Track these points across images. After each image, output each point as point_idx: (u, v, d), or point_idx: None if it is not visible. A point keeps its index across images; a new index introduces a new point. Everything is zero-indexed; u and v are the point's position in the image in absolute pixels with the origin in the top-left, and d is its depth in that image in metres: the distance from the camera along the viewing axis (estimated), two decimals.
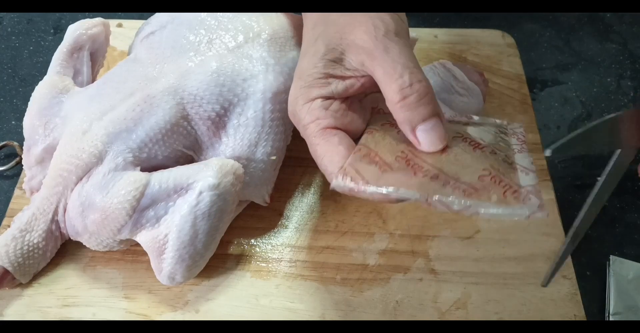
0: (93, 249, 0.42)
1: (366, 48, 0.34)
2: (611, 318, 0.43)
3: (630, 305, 0.44)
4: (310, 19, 0.39)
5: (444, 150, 0.33)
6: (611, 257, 0.46)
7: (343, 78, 0.36)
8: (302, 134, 0.37)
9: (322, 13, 0.38)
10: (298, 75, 0.37)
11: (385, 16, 0.36)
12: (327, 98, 0.36)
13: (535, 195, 0.30)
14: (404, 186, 0.31)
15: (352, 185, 0.32)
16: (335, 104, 0.36)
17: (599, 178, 0.35)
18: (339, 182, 0.32)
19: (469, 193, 0.30)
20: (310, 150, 0.36)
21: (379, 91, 0.35)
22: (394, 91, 0.33)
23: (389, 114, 0.35)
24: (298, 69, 0.38)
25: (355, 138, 0.36)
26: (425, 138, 0.33)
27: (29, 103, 0.43)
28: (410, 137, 0.34)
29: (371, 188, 0.31)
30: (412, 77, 0.33)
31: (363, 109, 0.38)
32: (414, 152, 0.34)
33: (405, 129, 0.34)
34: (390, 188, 0.31)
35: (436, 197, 0.30)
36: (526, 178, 0.32)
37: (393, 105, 0.33)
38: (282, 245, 0.45)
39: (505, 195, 0.30)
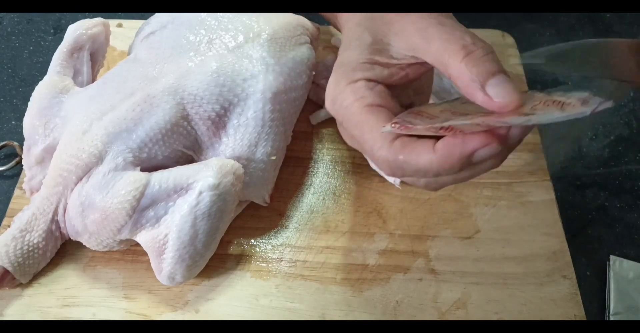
0: (93, 249, 0.42)
1: (419, 28, 0.34)
2: (611, 318, 0.43)
3: (630, 305, 0.44)
4: (351, 19, 0.39)
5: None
6: (611, 257, 0.46)
7: (388, 65, 0.35)
8: (343, 118, 0.35)
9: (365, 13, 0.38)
10: (340, 64, 0.36)
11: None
12: (370, 80, 0.35)
13: (592, 98, 0.28)
14: (452, 121, 0.30)
15: (402, 128, 0.31)
16: (380, 87, 0.35)
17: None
18: (388, 129, 0.31)
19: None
20: (354, 130, 0.34)
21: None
22: (456, 51, 0.31)
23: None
24: (340, 59, 0.37)
25: None
26: (499, 91, 0.30)
27: (29, 103, 0.43)
28: (479, 95, 0.30)
29: (423, 127, 0.30)
30: (474, 37, 0.32)
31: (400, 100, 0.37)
32: (460, 108, 0.32)
33: (473, 87, 0.30)
34: (441, 124, 0.29)
35: (491, 121, 0.28)
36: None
37: (457, 64, 0.31)
38: (282, 245, 0.45)
39: (564, 108, 0.28)
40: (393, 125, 0.31)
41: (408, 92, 0.38)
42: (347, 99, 0.35)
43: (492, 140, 0.29)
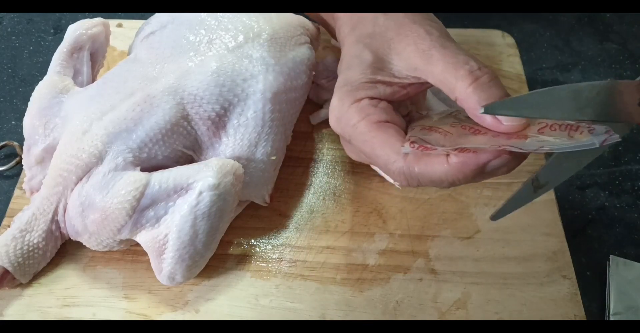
0: (93, 249, 0.42)
1: (422, 49, 0.35)
2: (611, 318, 0.43)
3: (630, 305, 0.44)
4: (350, 36, 0.39)
5: None
6: (611, 257, 0.46)
7: (390, 84, 0.36)
8: (351, 136, 0.36)
9: (359, 19, 0.39)
10: (342, 83, 0.37)
11: (433, 22, 0.37)
12: (374, 98, 0.36)
13: (598, 126, 0.30)
14: (471, 143, 0.31)
15: (421, 149, 0.32)
16: (383, 103, 0.36)
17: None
18: (407, 149, 0.32)
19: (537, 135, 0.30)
20: (364, 146, 0.35)
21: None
22: (463, 76, 0.32)
23: (424, 116, 0.35)
24: (343, 78, 0.38)
25: None
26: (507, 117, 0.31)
27: (29, 103, 0.43)
28: (488, 119, 0.32)
29: (441, 149, 0.31)
30: (478, 62, 0.33)
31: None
32: (466, 121, 0.33)
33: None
34: (459, 147, 0.31)
35: (507, 145, 0.30)
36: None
37: (464, 89, 0.32)
38: (282, 245, 0.45)
39: (571, 134, 0.30)
40: (412, 145, 0.32)
41: (406, 103, 0.40)
42: (353, 118, 0.35)
43: (504, 152, 0.31)
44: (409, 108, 0.40)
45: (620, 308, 0.44)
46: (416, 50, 0.35)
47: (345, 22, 0.41)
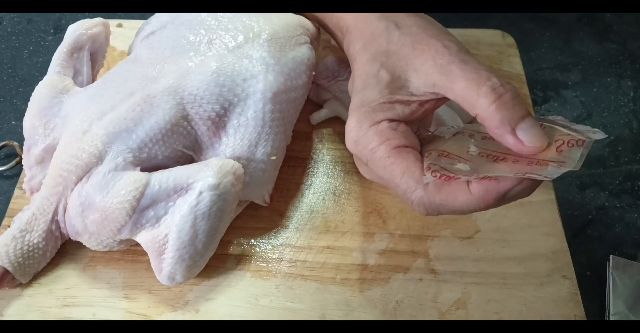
0: (93, 249, 0.42)
1: (440, 65, 0.34)
2: (611, 318, 0.43)
3: (630, 305, 0.44)
4: (362, 53, 0.38)
5: None
6: (611, 257, 0.46)
7: (408, 103, 0.36)
8: (369, 160, 0.35)
9: (372, 35, 0.38)
10: (359, 104, 0.36)
11: (450, 36, 0.36)
12: (393, 120, 0.35)
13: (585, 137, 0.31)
14: (493, 171, 0.31)
15: (444, 178, 0.31)
16: (402, 126, 0.35)
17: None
18: (429, 179, 0.32)
19: (556, 163, 0.30)
20: (382, 172, 0.35)
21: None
22: (485, 93, 0.32)
23: (436, 136, 0.35)
24: (359, 99, 0.37)
25: None
26: (530, 135, 0.31)
27: (29, 103, 0.43)
28: (510, 139, 0.31)
29: (464, 178, 0.31)
30: (500, 79, 0.33)
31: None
32: (482, 145, 0.33)
33: (503, 130, 0.31)
34: (482, 175, 0.31)
35: (530, 173, 0.30)
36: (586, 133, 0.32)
37: (487, 107, 0.32)
38: (282, 245, 0.45)
39: (585, 144, 0.31)
40: (434, 174, 0.32)
41: (416, 122, 0.39)
42: (372, 141, 0.35)
43: (526, 179, 0.31)
44: (417, 124, 0.40)
45: (620, 308, 0.44)
46: (434, 66, 0.34)
47: (357, 38, 0.40)
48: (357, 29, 0.40)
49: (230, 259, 0.44)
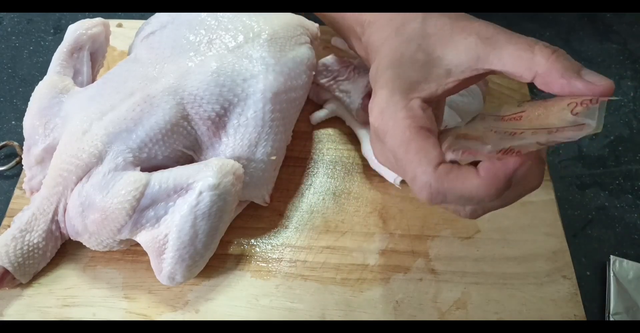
0: (93, 249, 0.42)
1: (485, 37, 0.34)
2: (611, 318, 0.43)
3: (630, 305, 0.44)
4: (383, 28, 0.38)
5: (519, 118, 0.32)
6: (611, 257, 0.46)
7: (445, 82, 0.35)
8: (389, 132, 0.34)
9: (403, 22, 0.38)
10: (394, 77, 0.35)
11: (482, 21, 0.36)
12: (425, 101, 0.35)
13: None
14: (513, 143, 0.30)
15: (466, 154, 0.31)
16: (429, 111, 0.35)
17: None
18: (451, 156, 0.32)
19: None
20: (399, 147, 0.33)
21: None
22: (541, 49, 0.32)
23: (445, 130, 0.35)
24: (393, 74, 0.36)
25: None
26: (598, 76, 0.31)
27: (29, 103, 0.43)
28: (579, 83, 0.31)
29: (487, 151, 0.30)
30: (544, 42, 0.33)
31: None
32: (498, 126, 0.33)
33: (570, 76, 0.31)
34: (503, 147, 0.30)
35: (555, 139, 0.29)
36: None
37: (546, 60, 0.32)
38: (282, 245, 0.45)
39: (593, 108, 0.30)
40: (455, 153, 0.31)
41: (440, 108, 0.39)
42: (399, 113, 0.34)
43: (528, 158, 0.30)
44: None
45: (620, 308, 0.44)
46: (478, 39, 0.34)
47: (383, 26, 0.39)
48: (382, 18, 0.39)
49: (230, 259, 0.44)
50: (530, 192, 0.33)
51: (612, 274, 0.45)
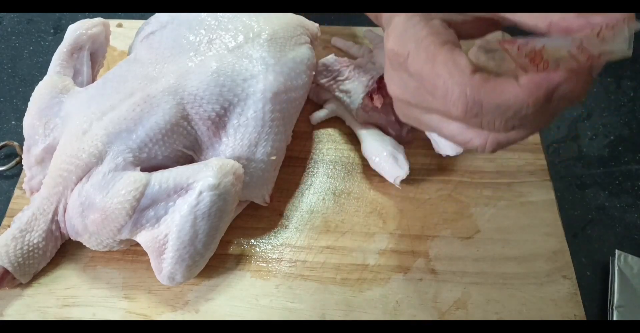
0: (93, 249, 0.42)
1: None
2: (615, 312, 0.43)
3: (633, 299, 0.44)
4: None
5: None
6: (616, 251, 0.46)
7: (464, 15, 0.34)
8: (411, 54, 0.32)
9: None
10: (408, 14, 0.33)
11: None
12: (445, 20, 0.33)
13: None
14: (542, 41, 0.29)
15: (509, 44, 0.29)
16: (452, 30, 0.33)
17: None
18: (494, 38, 0.30)
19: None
20: (424, 66, 0.31)
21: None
22: None
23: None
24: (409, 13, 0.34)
25: None
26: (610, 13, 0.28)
27: (29, 103, 0.43)
28: (597, 17, 0.28)
29: (539, 41, 0.28)
30: None
31: None
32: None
33: (586, 14, 0.29)
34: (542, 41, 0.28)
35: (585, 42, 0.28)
36: None
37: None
38: (282, 245, 0.45)
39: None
40: (503, 43, 0.29)
41: None
42: (420, 32, 0.32)
43: (574, 73, 0.28)
44: None
45: (623, 302, 0.44)
46: None
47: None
48: None
49: (230, 259, 0.44)
50: (569, 106, 0.31)
51: (616, 268, 0.45)
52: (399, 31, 0.33)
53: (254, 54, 0.43)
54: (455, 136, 0.33)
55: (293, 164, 0.50)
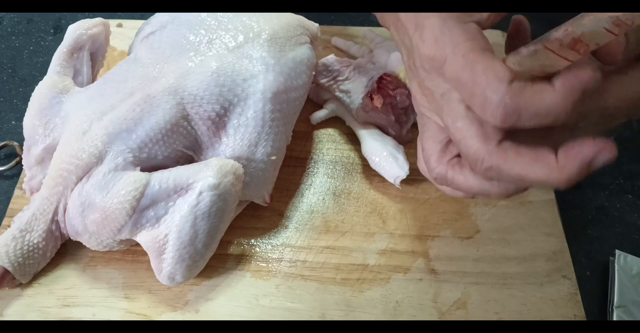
0: (93, 249, 0.42)
1: None
2: (615, 312, 0.43)
3: (633, 299, 0.44)
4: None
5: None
6: (616, 251, 0.46)
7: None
8: (448, 59, 0.32)
9: None
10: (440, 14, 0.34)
11: None
12: (479, 25, 0.33)
13: None
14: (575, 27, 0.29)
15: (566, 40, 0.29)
16: (485, 35, 0.33)
17: None
18: (524, 51, 0.30)
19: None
20: (462, 72, 0.31)
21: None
22: None
23: None
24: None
25: None
26: None
27: (29, 103, 0.43)
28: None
29: (562, 30, 0.29)
30: None
31: None
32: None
33: None
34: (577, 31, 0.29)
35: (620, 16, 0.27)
36: None
37: None
38: (282, 245, 0.45)
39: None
40: (529, 47, 0.30)
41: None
42: (458, 37, 0.32)
43: (598, 71, 0.29)
44: None
45: (623, 302, 0.44)
46: None
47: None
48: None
49: (230, 259, 0.44)
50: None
51: (616, 268, 0.45)
52: (435, 35, 0.33)
53: (254, 54, 0.43)
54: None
55: (293, 164, 0.50)
